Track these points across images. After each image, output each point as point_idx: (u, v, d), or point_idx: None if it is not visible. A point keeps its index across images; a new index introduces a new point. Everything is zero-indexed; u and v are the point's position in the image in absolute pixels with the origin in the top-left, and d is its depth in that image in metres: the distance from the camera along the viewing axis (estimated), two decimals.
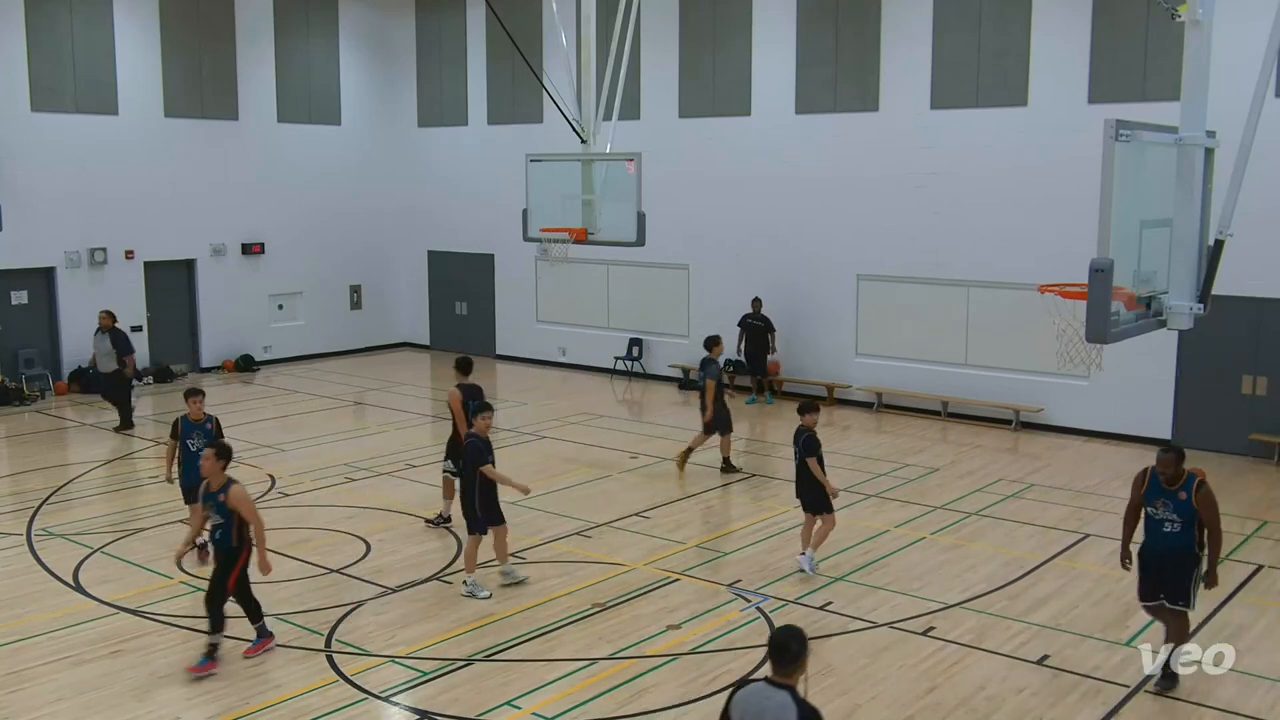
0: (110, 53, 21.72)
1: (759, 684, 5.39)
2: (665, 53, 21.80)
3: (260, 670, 9.22)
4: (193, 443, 11.45)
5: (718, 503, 14.21)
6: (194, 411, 11.65)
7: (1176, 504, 8.69)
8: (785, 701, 5.24)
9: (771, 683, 5.33)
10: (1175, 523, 8.69)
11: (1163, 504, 8.75)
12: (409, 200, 26.63)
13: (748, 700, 5.35)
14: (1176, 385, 16.91)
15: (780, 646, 5.34)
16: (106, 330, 18.48)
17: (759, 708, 5.28)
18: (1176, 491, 8.72)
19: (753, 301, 20.27)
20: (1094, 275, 6.98)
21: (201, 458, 9.65)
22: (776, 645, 5.36)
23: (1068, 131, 16.93)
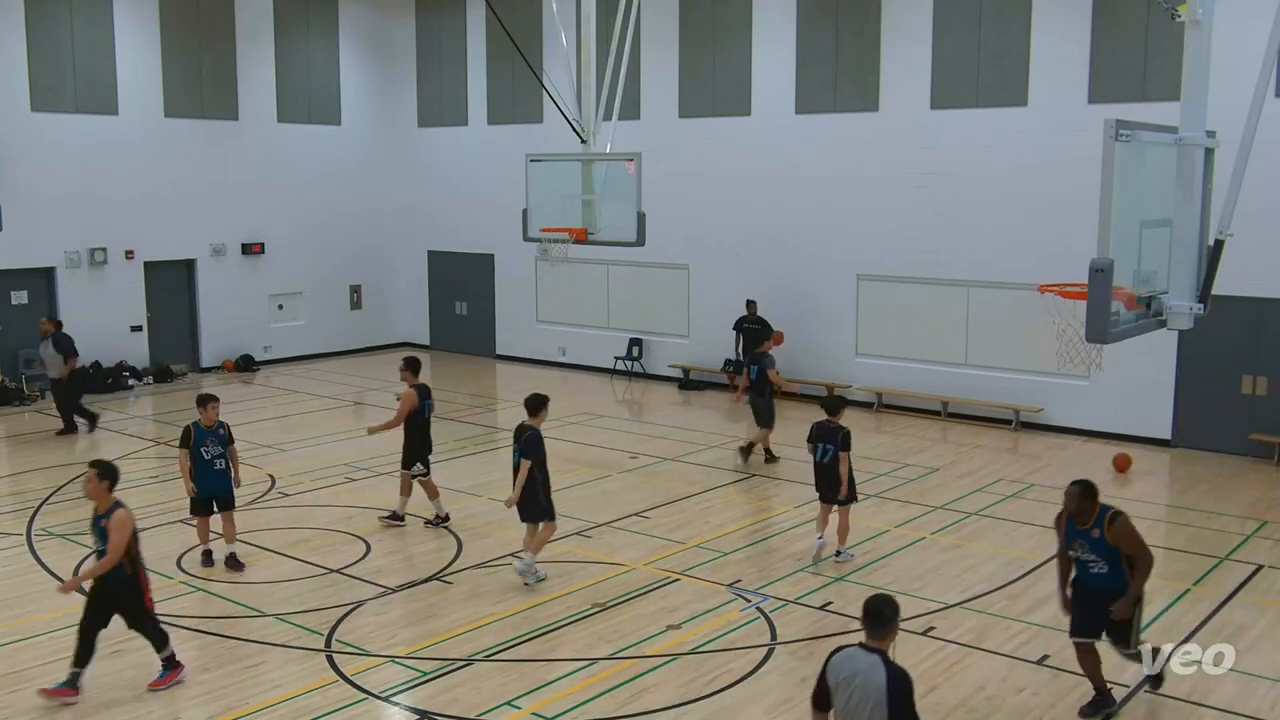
0: (110, 53, 21.71)
1: (853, 648, 5.81)
2: (665, 53, 21.80)
3: (260, 670, 9.22)
4: (206, 450, 11.38)
5: (718, 503, 14.22)
6: (207, 418, 11.48)
7: (1092, 544, 8.10)
8: (876, 663, 5.64)
9: (864, 647, 5.75)
10: (1098, 563, 8.12)
11: (1080, 545, 8.18)
12: (409, 200, 26.63)
13: (842, 663, 5.77)
14: (1176, 385, 16.91)
15: (875, 612, 5.77)
16: (49, 336, 17.96)
17: (852, 669, 5.70)
18: (1089, 530, 8.11)
19: (748, 304, 20.25)
20: (1094, 275, 6.98)
21: (85, 479, 8.96)
22: (871, 611, 5.78)
23: (1068, 131, 16.93)
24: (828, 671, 5.79)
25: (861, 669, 5.64)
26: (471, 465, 16.26)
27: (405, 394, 12.97)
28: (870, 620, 5.76)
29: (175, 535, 12.69)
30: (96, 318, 21.70)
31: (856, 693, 5.62)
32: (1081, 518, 8.09)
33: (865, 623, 5.78)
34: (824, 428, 11.94)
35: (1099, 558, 8.08)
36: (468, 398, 21.60)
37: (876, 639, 5.73)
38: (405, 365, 13.22)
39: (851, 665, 5.70)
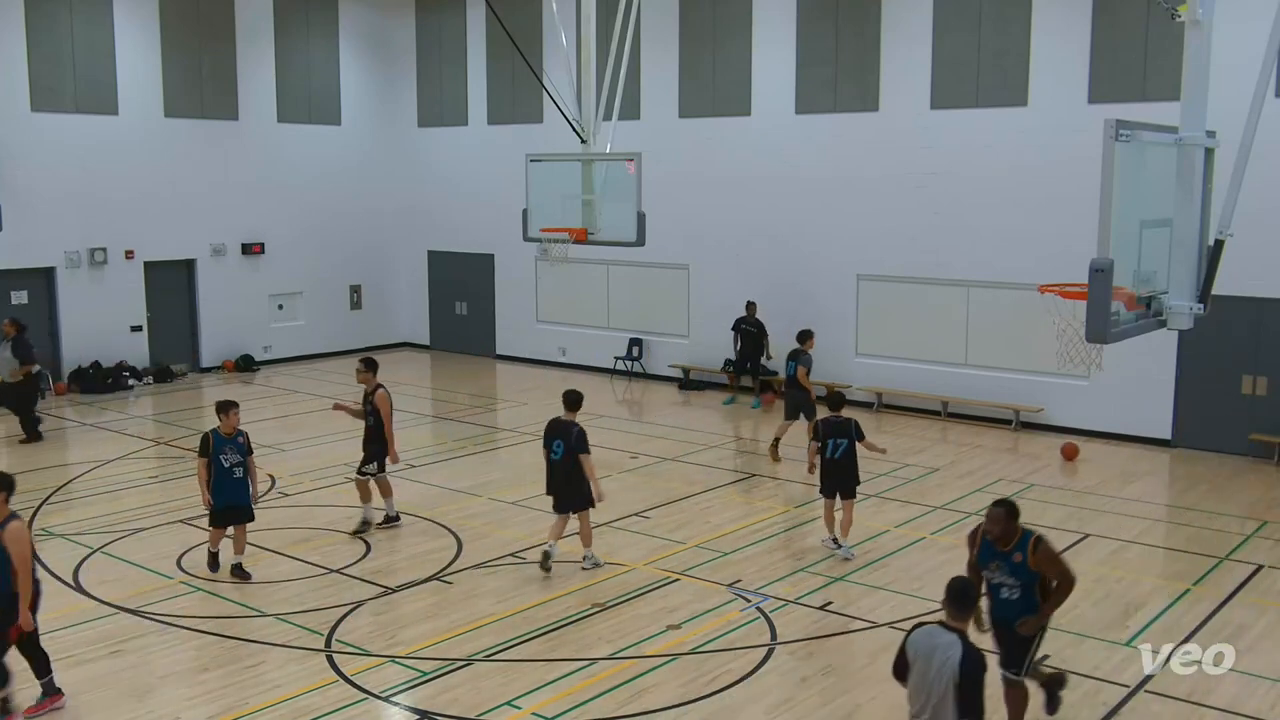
0: (110, 53, 21.72)
1: (932, 625, 6.19)
2: (665, 53, 21.80)
3: (260, 670, 9.22)
4: (225, 458, 11.07)
5: (718, 503, 14.21)
6: (227, 425, 11.16)
7: (1011, 567, 7.55)
8: (954, 642, 6.01)
9: (945, 625, 6.13)
10: (1013, 587, 7.57)
11: (997, 567, 7.63)
12: (409, 200, 26.63)
13: (921, 640, 6.15)
14: (1176, 385, 16.91)
15: (960, 594, 6.22)
16: (9, 339, 17.64)
17: (930, 646, 6.06)
18: (1010, 553, 7.54)
19: (747, 305, 20.23)
20: (1094, 275, 6.98)
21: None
22: (957, 592, 6.24)
23: (1068, 131, 16.93)
24: (908, 646, 6.19)
25: (941, 645, 6.01)
26: (472, 465, 16.26)
27: (381, 395, 12.75)
28: (955, 601, 6.19)
29: (175, 535, 12.70)
30: (96, 318, 21.71)
31: (934, 668, 5.98)
32: (1003, 540, 7.56)
33: (949, 602, 6.21)
34: (833, 424, 12.13)
35: (1016, 582, 7.56)
36: (468, 398, 21.60)
37: (958, 619, 6.13)
38: (365, 367, 12.94)
39: (931, 641, 6.08)
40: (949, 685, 5.93)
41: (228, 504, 11.19)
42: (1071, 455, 16.45)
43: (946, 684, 5.93)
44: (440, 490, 14.63)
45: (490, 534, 12.77)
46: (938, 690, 5.94)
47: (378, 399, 12.69)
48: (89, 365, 21.48)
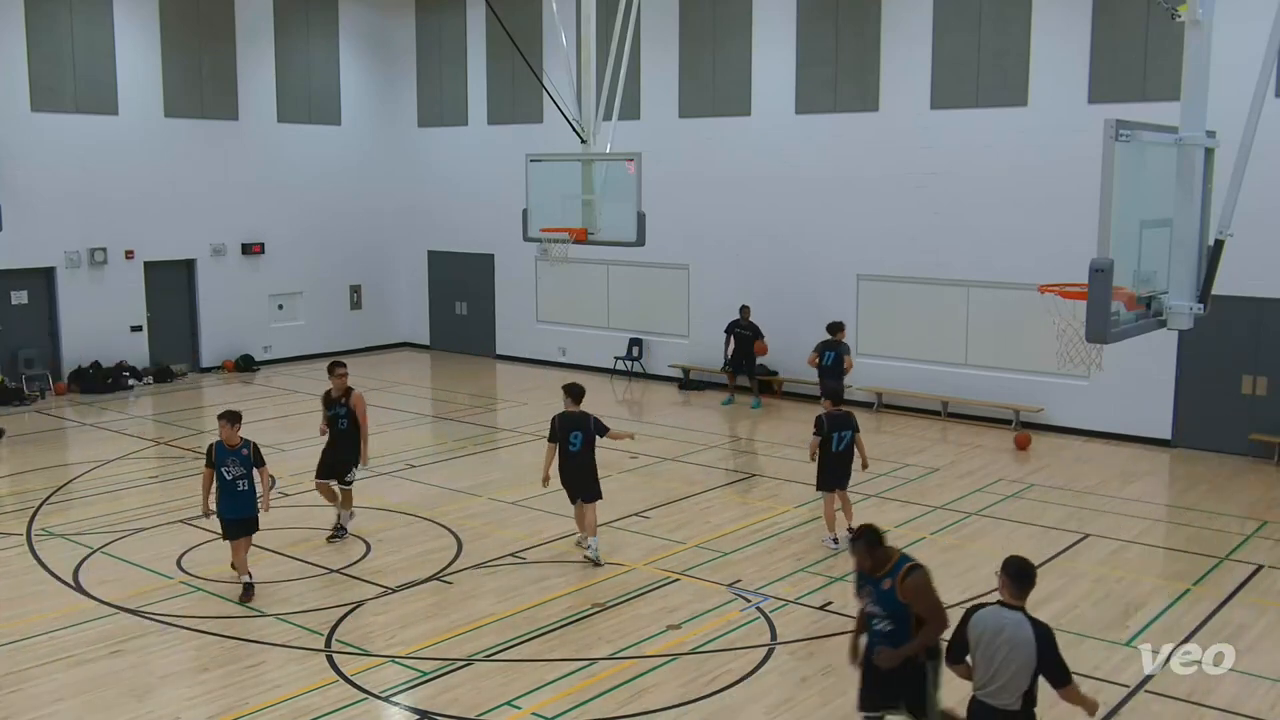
0: (110, 53, 21.72)
1: (993, 606, 6.38)
2: (665, 53, 21.80)
3: (260, 670, 9.22)
4: (228, 470, 10.61)
5: (718, 503, 14.21)
6: (224, 436, 10.67)
7: (880, 595, 6.93)
8: (1020, 619, 6.24)
9: (1005, 605, 6.33)
10: (884, 620, 6.96)
11: (868, 594, 7.01)
12: (409, 200, 26.63)
13: (986, 620, 6.34)
14: (1176, 385, 16.91)
15: (1021, 573, 6.35)
16: None
17: (998, 625, 6.27)
18: (880, 580, 6.95)
19: (741, 309, 20.22)
20: (1094, 275, 6.98)
21: None
22: (1019, 571, 6.36)
23: (1068, 131, 16.93)
24: (969, 628, 6.39)
25: (1008, 624, 6.23)
26: (472, 465, 16.26)
27: (358, 397, 12.45)
28: (1015, 580, 6.33)
29: (175, 535, 12.70)
30: (96, 318, 21.72)
31: (1004, 646, 6.20)
32: (874, 569, 6.96)
33: (1010, 581, 6.33)
34: (837, 417, 12.26)
35: (885, 613, 6.93)
36: (468, 398, 21.60)
37: (1017, 597, 6.32)
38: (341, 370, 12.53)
39: (996, 622, 6.28)
40: (1024, 661, 6.18)
41: (235, 517, 10.78)
42: (1024, 444, 16.94)
43: (1021, 660, 6.18)
44: (440, 490, 14.63)
45: (490, 534, 12.77)
46: (1010, 665, 6.21)
47: (355, 401, 12.41)
48: (89, 365, 21.48)
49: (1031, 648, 6.18)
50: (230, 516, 10.78)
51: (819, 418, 12.27)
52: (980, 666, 6.39)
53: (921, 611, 6.85)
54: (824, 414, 12.31)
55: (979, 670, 6.41)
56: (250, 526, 10.93)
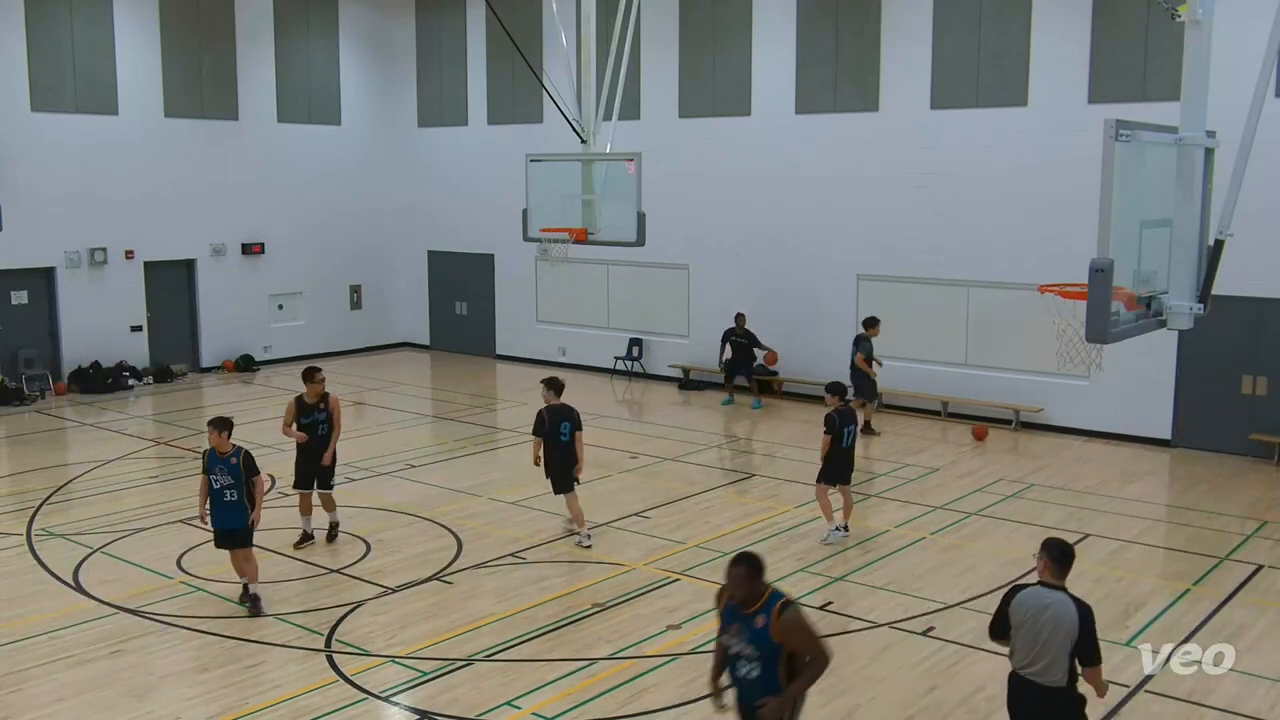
0: (110, 53, 21.72)
1: (1035, 587, 6.59)
2: (665, 53, 21.80)
3: (260, 670, 9.22)
4: (216, 479, 10.28)
5: (718, 503, 14.21)
6: (214, 443, 10.37)
7: (752, 634, 6.15)
8: (1064, 599, 6.47)
9: (1047, 585, 6.56)
10: (753, 663, 6.18)
11: (736, 631, 6.22)
12: (409, 200, 26.63)
13: (1029, 600, 6.55)
14: (1176, 385, 16.91)
15: (1062, 555, 6.56)
16: None
17: (1040, 604, 6.49)
18: (753, 617, 6.15)
19: (736, 317, 20.24)
20: (1094, 275, 6.98)
21: None
22: (1061, 552, 6.57)
23: (1068, 131, 16.93)
24: (1012, 608, 6.59)
25: (1051, 604, 6.46)
26: (472, 465, 16.26)
27: (335, 401, 12.42)
28: (1057, 561, 6.54)
29: (175, 535, 12.70)
30: (96, 318, 21.72)
31: (1048, 624, 6.42)
32: (748, 602, 6.18)
33: (1052, 562, 6.54)
34: (844, 413, 12.46)
35: (756, 654, 6.15)
36: (468, 398, 21.60)
37: (1058, 577, 6.55)
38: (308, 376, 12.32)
39: (1039, 601, 6.50)
40: (1065, 639, 6.40)
41: (221, 528, 10.45)
42: (981, 435, 17.56)
43: (1063, 638, 6.40)
44: (440, 490, 14.63)
45: (490, 534, 12.77)
46: (1053, 644, 6.42)
47: (334, 406, 12.41)
48: (89, 365, 21.48)
49: (1075, 626, 6.39)
50: (217, 526, 10.46)
51: (830, 416, 12.28)
52: (1022, 646, 6.58)
53: (802, 649, 6.19)
54: (834, 411, 12.32)
55: (1021, 650, 6.59)
56: (238, 539, 10.42)
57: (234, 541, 10.43)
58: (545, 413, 12.16)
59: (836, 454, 12.33)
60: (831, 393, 12.50)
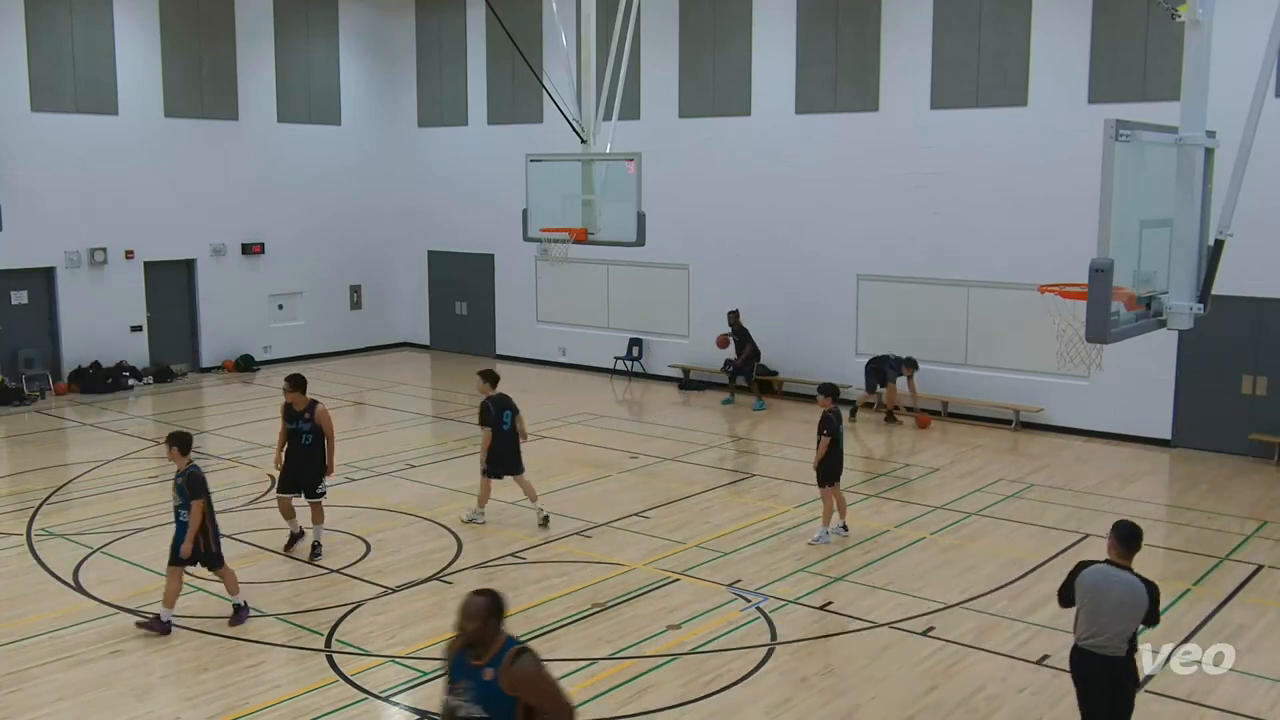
0: (110, 53, 21.72)
1: (1102, 564, 7.10)
2: (665, 53, 21.80)
3: (260, 670, 9.22)
4: (175, 497, 9.97)
5: (718, 503, 14.22)
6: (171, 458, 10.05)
7: (480, 689, 5.28)
8: (1131, 579, 6.95)
9: (1114, 564, 7.04)
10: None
11: (464, 689, 5.35)
12: (409, 200, 26.63)
13: (1095, 577, 7.06)
14: (1176, 385, 16.91)
15: (1130, 536, 7.06)
16: None
17: (1106, 584, 6.98)
18: (481, 669, 5.30)
19: (729, 315, 20.30)
20: (1094, 275, 6.98)
21: None
22: (1129, 534, 7.08)
23: (1068, 131, 16.93)
24: (1079, 582, 7.12)
25: (1118, 584, 6.94)
26: (472, 465, 16.20)
27: (322, 411, 11.97)
28: (1124, 542, 7.04)
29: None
30: (96, 318, 21.72)
31: (1112, 603, 6.93)
32: (477, 644, 5.33)
33: (1119, 543, 7.05)
34: (839, 413, 12.62)
35: (487, 713, 5.27)
36: (468, 398, 21.56)
37: (1124, 558, 7.05)
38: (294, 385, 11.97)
39: (1105, 580, 7.01)
40: (1130, 618, 6.93)
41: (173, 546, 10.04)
42: (925, 424, 18.28)
43: (1128, 617, 6.94)
44: (440, 490, 14.64)
45: (490, 534, 12.77)
46: (1116, 621, 6.95)
47: (319, 416, 11.90)
48: (89, 365, 21.48)
49: (1144, 603, 6.92)
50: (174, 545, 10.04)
51: (829, 416, 12.30)
52: (1085, 619, 7.09)
53: (540, 703, 5.31)
54: (830, 411, 12.34)
55: (1084, 622, 7.11)
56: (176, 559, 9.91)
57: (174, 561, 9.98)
58: (490, 403, 12.91)
59: (835, 454, 12.36)
60: (825, 394, 12.50)
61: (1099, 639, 7.03)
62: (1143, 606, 6.93)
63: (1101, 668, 7.07)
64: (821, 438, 12.32)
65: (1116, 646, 6.99)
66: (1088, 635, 7.10)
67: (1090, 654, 7.10)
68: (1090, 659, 7.11)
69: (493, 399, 12.95)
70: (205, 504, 9.88)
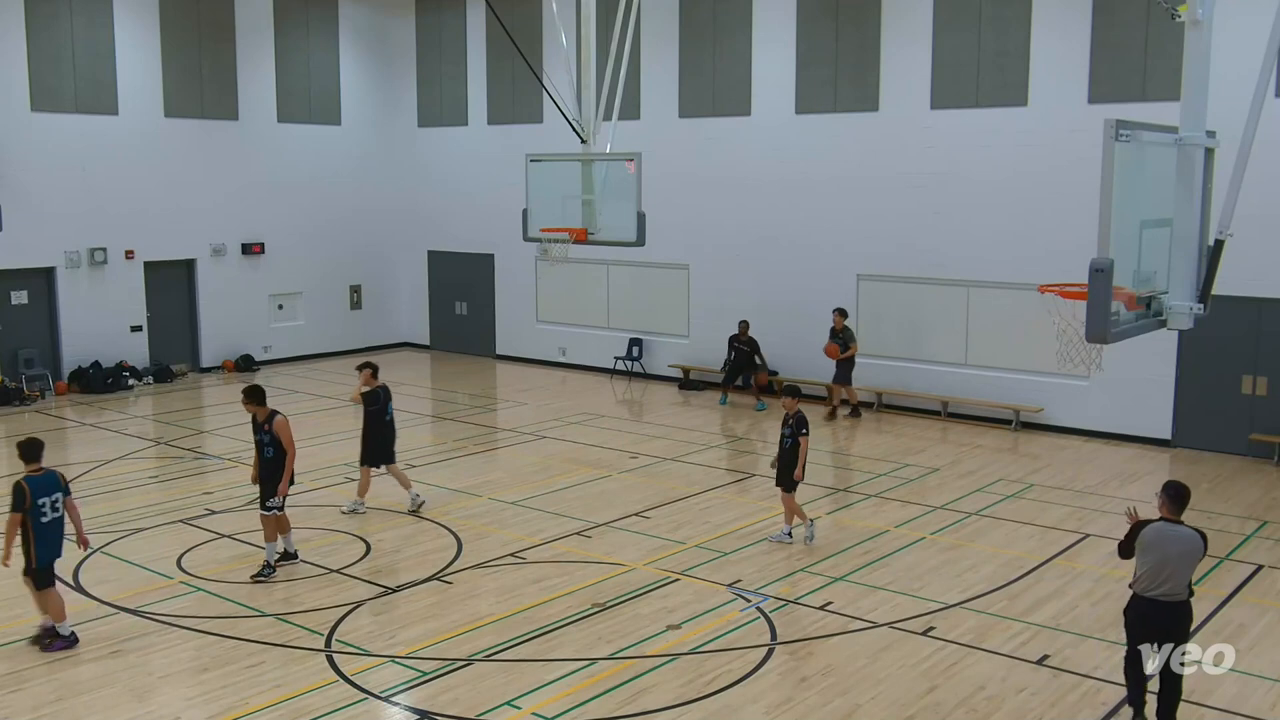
0: (110, 53, 21.72)
1: (1160, 523, 8.03)
2: (665, 53, 21.80)
3: (260, 670, 9.22)
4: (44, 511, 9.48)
5: (718, 503, 14.22)
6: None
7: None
8: (1188, 531, 7.97)
9: (1170, 520, 8.04)
10: None
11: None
12: (409, 200, 26.63)
13: (1158, 533, 7.98)
14: (1176, 385, 16.91)
15: (1180, 495, 8.09)
16: None
17: (1168, 539, 7.95)
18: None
19: (740, 324, 20.28)
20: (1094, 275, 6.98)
21: None
22: (1178, 493, 8.09)
23: (1068, 131, 16.93)
24: (1142, 539, 8.00)
25: (1182, 536, 7.94)
26: (472, 465, 16.26)
27: (281, 422, 11.29)
28: (1174, 501, 8.05)
29: (175, 535, 12.70)
30: (96, 318, 21.72)
31: (1176, 554, 7.87)
32: None
33: (1170, 502, 8.04)
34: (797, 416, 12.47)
35: None
36: (468, 398, 21.60)
37: (1175, 514, 8.05)
38: (250, 397, 11.40)
39: (1166, 534, 7.96)
40: (1192, 564, 7.91)
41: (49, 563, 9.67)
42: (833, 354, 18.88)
43: (1190, 564, 7.90)
44: (440, 490, 14.63)
45: (490, 534, 12.77)
46: (1181, 570, 7.88)
47: (277, 427, 11.25)
48: (89, 365, 21.48)
49: (1201, 551, 7.96)
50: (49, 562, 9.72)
51: (804, 418, 12.26)
52: (1151, 573, 7.92)
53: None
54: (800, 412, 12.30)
55: (1148, 575, 7.94)
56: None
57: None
58: (381, 391, 13.55)
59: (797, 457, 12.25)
60: (792, 395, 12.39)
61: (1166, 587, 7.89)
62: (1201, 554, 7.90)
63: (1169, 614, 7.94)
64: (802, 438, 12.18)
65: (1181, 592, 7.90)
66: (1155, 587, 7.92)
67: (1159, 603, 7.92)
68: (1159, 607, 7.94)
69: (382, 388, 13.57)
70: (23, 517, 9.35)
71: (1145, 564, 7.99)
